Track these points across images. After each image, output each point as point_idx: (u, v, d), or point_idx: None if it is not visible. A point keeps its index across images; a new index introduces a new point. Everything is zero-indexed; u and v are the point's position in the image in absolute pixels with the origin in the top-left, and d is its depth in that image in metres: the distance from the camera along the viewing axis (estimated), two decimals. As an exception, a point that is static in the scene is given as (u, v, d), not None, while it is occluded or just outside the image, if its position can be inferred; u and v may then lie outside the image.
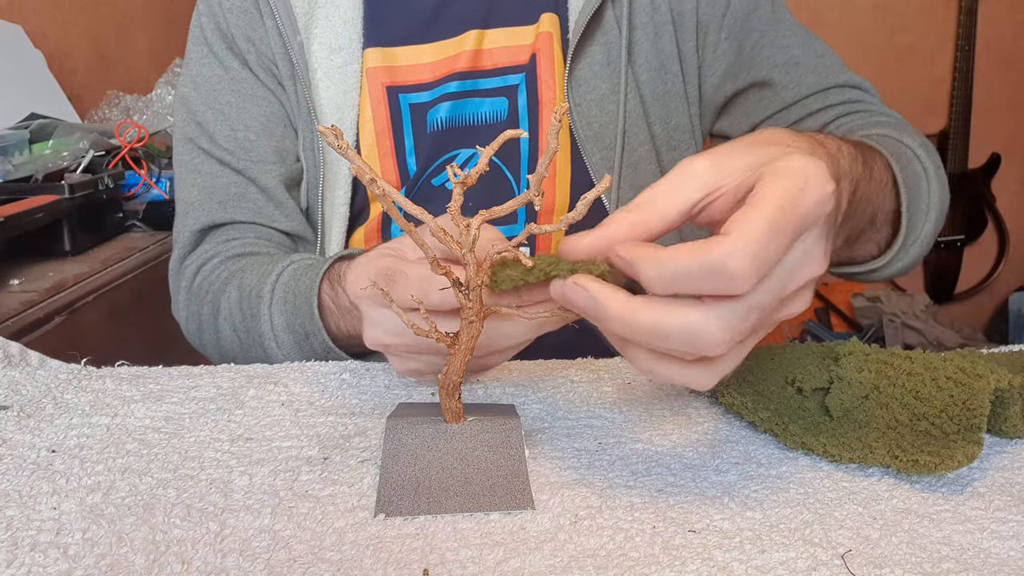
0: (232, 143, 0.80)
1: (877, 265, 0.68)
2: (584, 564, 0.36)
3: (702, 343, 0.37)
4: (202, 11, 0.83)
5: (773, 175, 0.38)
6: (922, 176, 0.68)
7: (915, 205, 0.66)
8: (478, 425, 0.45)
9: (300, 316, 0.67)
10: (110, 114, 1.65)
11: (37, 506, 0.42)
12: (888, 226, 0.66)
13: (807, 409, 0.48)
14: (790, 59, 0.80)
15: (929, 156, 0.69)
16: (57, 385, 0.57)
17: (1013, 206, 2.66)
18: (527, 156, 0.79)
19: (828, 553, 0.37)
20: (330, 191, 0.80)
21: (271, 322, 0.69)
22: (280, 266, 0.71)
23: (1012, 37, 2.57)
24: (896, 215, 0.65)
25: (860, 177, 0.53)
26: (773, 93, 0.80)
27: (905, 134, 0.71)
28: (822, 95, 0.80)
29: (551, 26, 0.78)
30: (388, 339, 0.49)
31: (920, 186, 0.67)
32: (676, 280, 0.36)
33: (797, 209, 0.37)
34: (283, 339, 0.68)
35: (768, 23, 0.80)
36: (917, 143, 0.69)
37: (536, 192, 0.39)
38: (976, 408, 0.43)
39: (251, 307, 0.71)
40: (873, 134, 0.70)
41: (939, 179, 0.69)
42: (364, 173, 0.39)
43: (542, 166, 0.39)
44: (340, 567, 0.37)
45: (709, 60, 0.80)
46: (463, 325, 0.42)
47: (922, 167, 0.68)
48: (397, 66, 0.79)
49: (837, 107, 0.79)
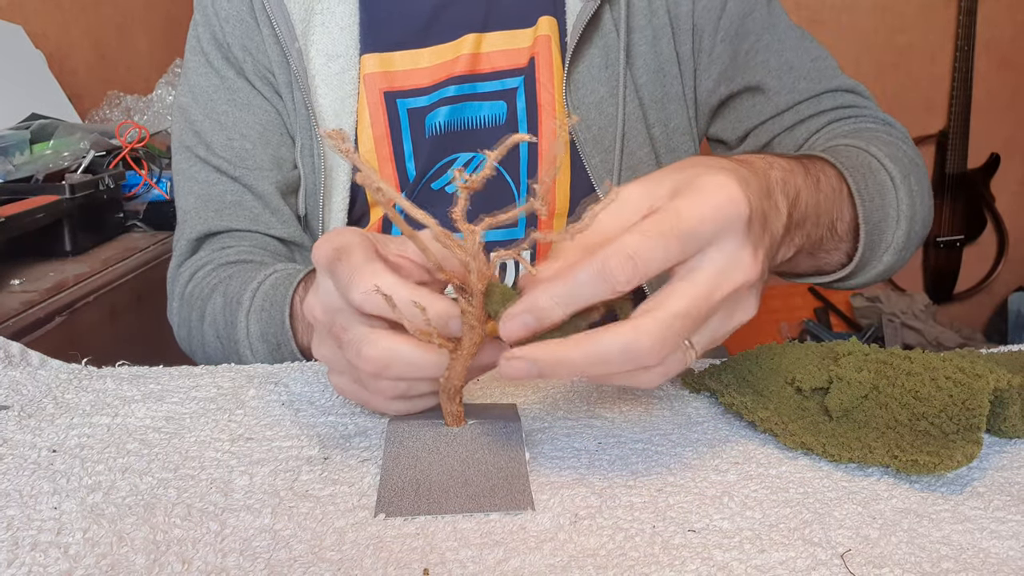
0: (229, 152, 0.81)
1: (844, 274, 0.68)
2: (584, 564, 0.37)
3: (638, 356, 0.39)
4: (198, 21, 0.83)
5: (687, 191, 0.41)
6: (889, 186, 0.68)
7: (881, 213, 0.67)
8: (479, 428, 0.45)
9: (273, 325, 0.68)
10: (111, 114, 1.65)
11: (38, 506, 0.42)
12: (854, 234, 0.66)
13: (806, 409, 0.48)
14: (784, 63, 0.80)
15: (896, 165, 0.69)
16: (58, 385, 0.57)
17: (1012, 206, 2.66)
18: (526, 160, 0.79)
19: (827, 553, 0.37)
20: (328, 197, 0.80)
21: (247, 330, 0.70)
22: (263, 274, 0.71)
23: (1012, 37, 2.57)
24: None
25: (802, 186, 0.55)
26: (766, 99, 0.80)
27: (874, 144, 0.71)
28: (815, 101, 0.80)
29: (549, 29, 0.77)
30: (321, 314, 0.47)
31: (887, 195, 0.67)
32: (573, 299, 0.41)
33: (687, 220, 0.40)
34: (257, 347, 0.69)
35: (763, 26, 0.80)
36: (884, 153, 0.69)
37: (541, 201, 0.39)
38: (975, 408, 0.43)
39: (231, 314, 0.71)
40: (839, 145, 0.71)
41: (908, 187, 0.69)
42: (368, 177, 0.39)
43: (548, 176, 0.39)
44: (340, 567, 0.37)
45: (704, 63, 0.80)
46: (465, 330, 0.42)
47: (888, 176, 0.68)
48: (394, 71, 0.79)
49: (829, 112, 0.80)
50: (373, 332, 0.43)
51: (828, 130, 0.79)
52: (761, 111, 0.81)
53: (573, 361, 0.40)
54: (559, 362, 0.40)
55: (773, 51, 0.80)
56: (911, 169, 0.71)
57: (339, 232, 0.47)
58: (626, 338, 0.39)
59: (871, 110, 0.81)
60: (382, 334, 0.43)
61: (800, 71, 0.80)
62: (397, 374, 0.44)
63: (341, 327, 0.45)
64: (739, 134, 0.83)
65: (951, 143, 2.57)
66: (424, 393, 0.47)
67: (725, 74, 0.80)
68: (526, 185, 0.80)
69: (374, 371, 0.44)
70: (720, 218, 0.41)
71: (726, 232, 0.41)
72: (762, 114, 0.81)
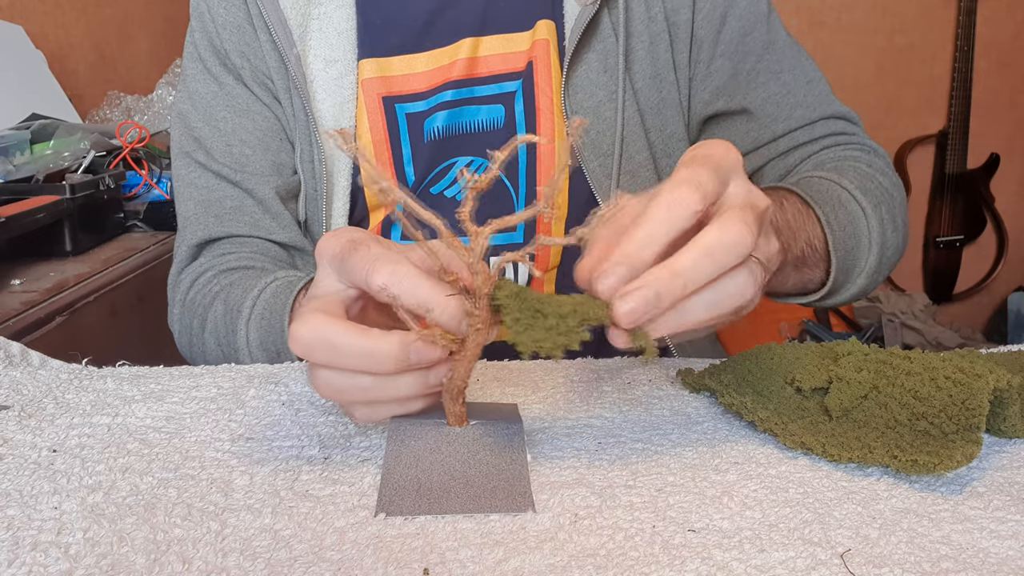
0: (228, 158, 0.81)
1: (822, 294, 0.71)
2: (584, 564, 0.37)
3: (738, 242, 0.41)
4: (195, 28, 0.83)
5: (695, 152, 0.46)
6: (860, 215, 0.71)
7: (854, 240, 0.71)
8: (481, 429, 0.45)
9: (273, 333, 0.68)
10: (111, 114, 1.65)
11: (38, 506, 0.42)
12: (829, 256, 0.70)
13: (806, 409, 0.48)
14: (782, 88, 0.81)
15: (867, 196, 0.72)
16: (58, 385, 0.57)
17: (1012, 206, 2.66)
18: (525, 163, 0.79)
19: (827, 552, 0.37)
20: (330, 202, 0.81)
21: (247, 338, 0.70)
22: (263, 282, 0.71)
23: (1012, 37, 2.57)
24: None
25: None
26: (761, 126, 0.81)
27: (847, 175, 0.74)
28: (809, 128, 0.82)
29: (548, 33, 0.77)
30: (315, 304, 0.44)
31: (858, 224, 0.71)
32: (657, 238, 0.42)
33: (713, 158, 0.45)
34: (257, 355, 0.69)
35: (763, 46, 0.80)
36: (855, 185, 0.73)
37: (546, 205, 0.39)
38: (975, 408, 0.43)
39: (231, 322, 0.71)
40: (812, 177, 0.74)
41: (878, 216, 0.72)
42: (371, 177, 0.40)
43: (555, 181, 0.39)
44: (340, 566, 0.37)
45: (701, 75, 0.80)
46: (470, 332, 0.42)
47: (859, 206, 0.72)
48: (392, 76, 0.79)
49: (822, 139, 0.82)
50: (313, 313, 0.42)
51: (817, 157, 0.81)
52: (757, 137, 0.82)
53: (684, 266, 0.41)
54: (674, 274, 0.40)
55: (772, 73, 0.80)
56: (882, 199, 0.74)
57: (348, 229, 0.46)
58: (718, 230, 0.41)
59: (859, 137, 0.83)
60: (320, 315, 0.42)
61: (797, 97, 0.81)
62: (322, 358, 0.42)
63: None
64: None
65: (951, 143, 2.58)
66: (355, 400, 0.44)
67: (724, 90, 0.80)
68: (525, 188, 0.80)
69: (301, 351, 0.42)
70: (731, 157, 0.45)
71: (737, 170, 0.45)
72: (757, 140, 0.82)
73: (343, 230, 0.46)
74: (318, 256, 0.46)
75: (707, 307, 0.43)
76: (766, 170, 0.83)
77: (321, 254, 0.46)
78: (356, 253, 0.43)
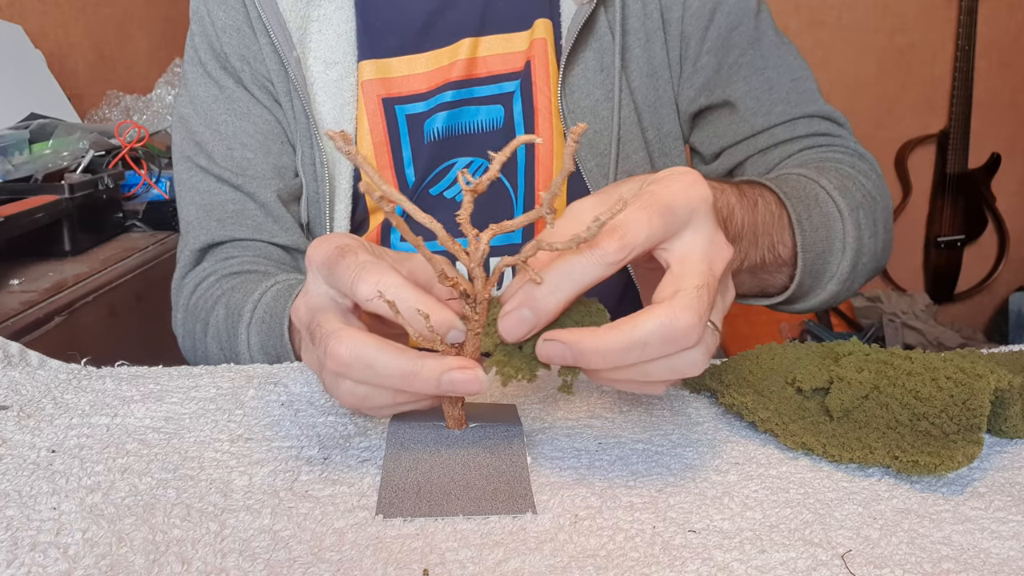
0: (229, 161, 0.81)
1: (784, 298, 0.69)
2: (584, 564, 0.36)
3: (678, 335, 0.38)
4: (195, 31, 0.83)
5: (654, 181, 0.42)
6: (835, 217, 0.69)
7: (826, 244, 0.68)
8: (480, 432, 0.45)
9: (273, 337, 0.68)
10: (110, 114, 1.65)
11: (37, 506, 0.42)
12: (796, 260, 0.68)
13: (807, 409, 0.48)
14: (764, 82, 0.79)
15: (845, 197, 0.70)
16: (57, 385, 0.57)
17: (1013, 206, 2.66)
18: (523, 164, 0.79)
19: (828, 553, 0.37)
20: (332, 204, 0.81)
21: (247, 342, 0.70)
22: (264, 286, 0.71)
23: (1012, 37, 2.57)
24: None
25: (735, 205, 0.58)
26: (741, 119, 0.80)
27: (826, 175, 0.71)
28: (790, 125, 0.80)
29: (545, 32, 0.77)
30: (304, 314, 0.45)
31: (832, 226, 0.69)
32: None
33: (663, 198, 0.41)
34: (258, 359, 0.70)
35: (748, 41, 0.79)
36: (834, 185, 0.70)
37: (548, 209, 0.39)
38: (976, 408, 0.43)
39: (233, 326, 0.72)
40: (791, 174, 0.72)
41: (855, 219, 0.70)
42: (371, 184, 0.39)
43: (554, 186, 0.39)
44: (340, 567, 0.37)
45: (688, 71, 0.80)
46: (469, 337, 0.42)
47: (836, 207, 0.69)
48: (392, 78, 0.78)
49: (803, 139, 0.80)
50: (345, 329, 0.42)
51: (798, 157, 0.79)
52: (736, 131, 0.81)
53: (609, 347, 0.39)
54: (595, 350, 0.39)
55: (755, 68, 0.79)
56: (863, 202, 0.72)
57: (338, 235, 0.46)
58: (664, 316, 0.38)
59: (844, 139, 0.81)
60: (353, 332, 0.42)
61: (779, 92, 0.79)
62: (358, 376, 0.42)
63: (317, 324, 0.43)
64: (714, 150, 0.83)
65: (952, 143, 2.58)
66: (380, 405, 0.44)
67: (707, 85, 0.80)
68: (524, 189, 0.79)
69: (337, 369, 0.42)
70: (693, 196, 0.41)
71: (699, 213, 0.42)
72: (737, 134, 0.81)
73: (333, 236, 0.46)
74: (308, 262, 0.46)
75: (646, 376, 0.41)
76: (747, 165, 0.82)
77: (310, 260, 0.46)
78: (344, 260, 0.43)
